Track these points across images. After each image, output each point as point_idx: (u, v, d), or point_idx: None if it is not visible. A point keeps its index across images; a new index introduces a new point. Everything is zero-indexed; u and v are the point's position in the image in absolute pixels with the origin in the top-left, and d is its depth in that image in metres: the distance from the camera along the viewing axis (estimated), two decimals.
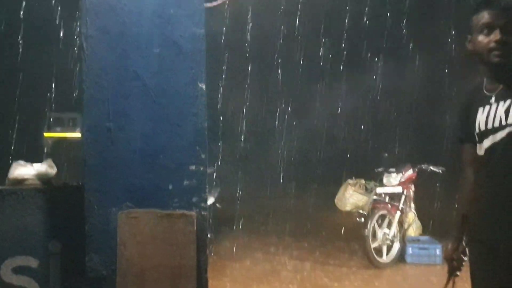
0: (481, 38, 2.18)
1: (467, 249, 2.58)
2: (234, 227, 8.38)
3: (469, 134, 2.44)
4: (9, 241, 2.45)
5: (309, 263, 6.79)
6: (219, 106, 9.55)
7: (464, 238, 2.56)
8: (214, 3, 2.83)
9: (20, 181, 2.52)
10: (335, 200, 8.24)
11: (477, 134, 2.33)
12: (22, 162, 2.56)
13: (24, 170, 2.54)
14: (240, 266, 6.44)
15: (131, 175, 2.40)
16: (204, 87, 2.51)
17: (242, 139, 10.74)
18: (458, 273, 2.63)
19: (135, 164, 2.41)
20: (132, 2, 2.39)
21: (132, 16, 2.39)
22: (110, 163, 2.38)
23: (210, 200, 6.82)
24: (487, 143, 2.28)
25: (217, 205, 7.13)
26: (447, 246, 2.67)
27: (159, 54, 2.44)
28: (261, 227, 8.88)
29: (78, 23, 2.55)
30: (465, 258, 2.59)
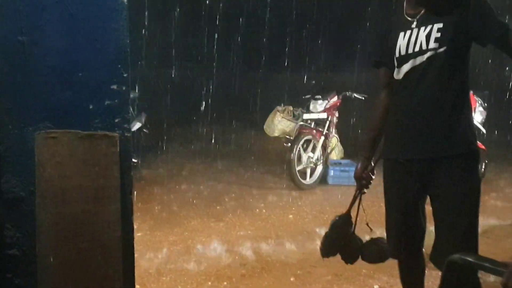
0: None
1: (373, 168, 2.75)
2: (163, 152, 8.35)
3: (387, 59, 2.51)
4: None
5: (237, 186, 6.98)
6: (146, 32, 9.13)
7: (373, 158, 2.72)
8: None
9: None
10: (264, 127, 8.40)
11: (397, 58, 2.40)
12: None
13: None
14: (168, 191, 6.50)
15: (48, 93, 2.27)
16: (125, 0, 2.36)
17: (172, 67, 10.43)
18: (365, 190, 2.82)
19: (52, 82, 2.27)
20: None
21: None
22: (24, 80, 2.23)
23: (137, 125, 6.69)
24: (406, 67, 2.37)
25: (144, 130, 7.03)
26: (357, 165, 2.84)
27: None
28: (190, 152, 8.92)
29: None
30: (373, 177, 2.76)
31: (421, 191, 2.59)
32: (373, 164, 2.80)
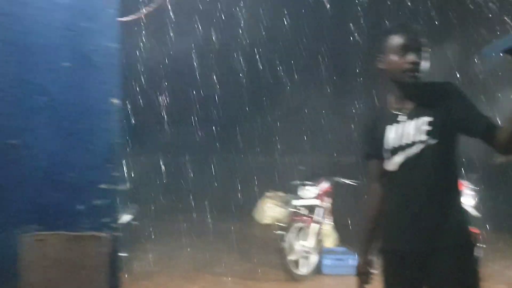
0: (395, 58, 2.32)
1: (374, 262, 2.70)
2: (153, 244, 8.16)
3: (376, 151, 2.56)
4: None
5: (228, 279, 6.76)
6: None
7: (372, 251, 2.67)
8: (128, 18, 2.77)
9: None
10: (254, 213, 8.31)
11: (388, 150, 2.45)
12: None
13: None
14: (155, 285, 6.27)
15: (36, 195, 2.26)
16: (118, 102, 2.43)
17: (160, 152, 10.54)
18: (366, 286, 2.74)
19: (41, 183, 2.27)
20: (41, 12, 2.27)
21: (40, 27, 2.27)
22: (13, 182, 2.23)
23: (127, 218, 6.59)
24: (399, 158, 2.42)
25: (135, 222, 6.92)
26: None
27: (70, 68, 2.34)
28: (180, 243, 8.73)
29: None
30: (373, 271, 2.70)
31: (419, 283, 2.52)
32: (370, 258, 2.75)
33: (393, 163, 2.45)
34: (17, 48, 2.26)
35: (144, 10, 2.97)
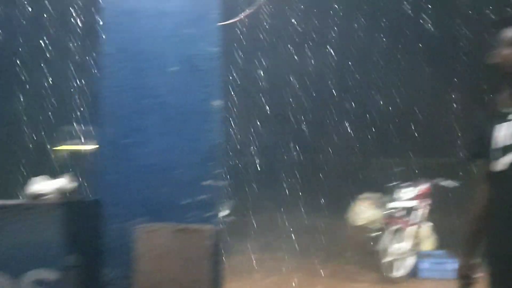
0: (510, 51, 2.22)
1: (477, 266, 2.57)
2: (247, 240, 8.37)
3: (483, 151, 2.45)
4: (30, 254, 2.50)
5: (320, 279, 6.76)
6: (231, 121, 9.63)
7: (475, 254, 2.55)
8: (227, 22, 2.90)
9: (38, 196, 2.58)
10: (348, 215, 8.21)
11: (496, 150, 2.34)
12: (41, 177, 2.63)
13: (43, 185, 2.60)
14: (251, 280, 6.43)
15: (147, 190, 2.45)
16: (219, 104, 2.57)
17: (257, 151, 10.77)
18: None
19: (151, 179, 2.46)
20: (151, 21, 2.47)
21: (150, 35, 2.47)
22: (127, 178, 2.44)
23: (224, 213, 6.83)
24: (508, 158, 2.30)
25: (231, 217, 7.15)
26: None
27: (176, 72, 2.51)
28: (273, 239, 8.86)
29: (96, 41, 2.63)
30: (476, 275, 2.58)
31: None
32: (474, 262, 2.63)
33: (502, 163, 2.33)
34: (130, 56, 2.47)
35: (243, 13, 3.08)
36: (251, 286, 6.30)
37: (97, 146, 2.47)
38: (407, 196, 6.96)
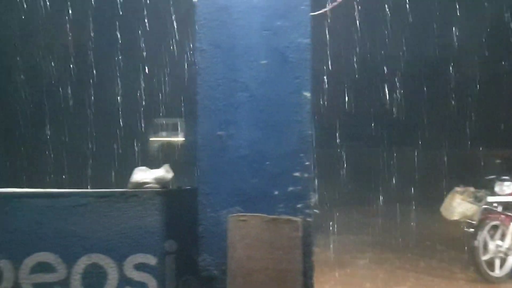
0: None
1: None
2: (332, 233, 8.32)
3: None
4: (131, 239, 2.69)
5: (413, 274, 6.55)
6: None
7: None
8: (318, 12, 2.89)
9: (140, 185, 2.76)
10: (441, 209, 7.85)
11: None
12: (142, 167, 2.80)
13: (144, 175, 2.77)
14: (340, 274, 6.38)
15: (239, 180, 2.52)
16: (309, 95, 2.57)
17: (339, 145, 10.63)
18: None
19: (243, 170, 2.53)
20: (242, 16, 2.52)
21: (241, 30, 2.52)
22: (221, 169, 2.52)
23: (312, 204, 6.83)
24: None
25: (315, 210, 7.13)
26: None
27: (266, 65, 2.55)
28: (360, 234, 8.72)
29: (191, 39, 2.73)
30: None
31: None
32: None
33: None
34: (222, 51, 2.54)
35: (333, 3, 3.05)
36: (342, 279, 6.26)
37: (192, 138, 2.59)
38: (508, 190, 6.52)
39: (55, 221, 2.63)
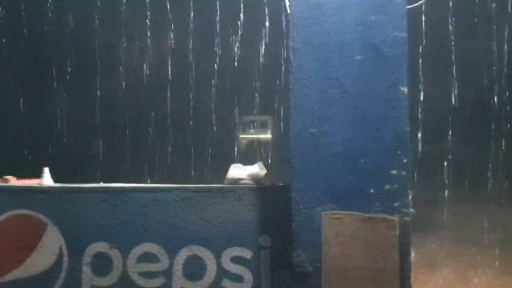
0: None
1: None
2: (428, 232, 7.97)
3: None
4: (228, 233, 2.79)
5: (507, 277, 6.10)
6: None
7: None
8: (414, 5, 2.78)
9: (236, 181, 2.85)
10: None
11: None
12: (238, 164, 2.89)
13: (240, 171, 2.86)
14: (439, 276, 6.12)
15: (333, 178, 2.51)
16: (405, 90, 2.49)
17: (439, 140, 10.14)
18: None
19: (337, 167, 2.51)
20: (335, 12, 2.50)
21: (334, 26, 2.51)
22: (314, 166, 2.53)
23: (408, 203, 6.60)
24: None
25: (410, 210, 6.88)
26: None
27: (360, 60, 2.51)
28: (458, 233, 8.26)
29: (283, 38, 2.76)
30: None
31: None
32: None
33: None
34: (316, 48, 2.54)
35: None
36: (440, 280, 6.01)
37: (287, 135, 2.62)
38: None
39: (159, 214, 2.80)
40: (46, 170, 3.07)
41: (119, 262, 2.82)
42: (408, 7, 2.58)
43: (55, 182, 3.11)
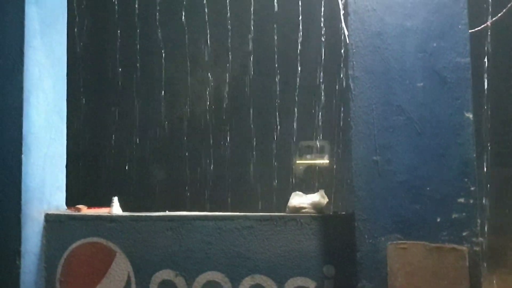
0: None
1: None
2: (505, 264, 7.53)
3: None
4: (291, 262, 2.78)
5: None
6: None
7: None
8: (479, 28, 2.74)
9: (298, 209, 2.86)
10: None
11: None
12: (299, 192, 2.90)
13: (301, 200, 2.87)
14: None
15: (398, 206, 2.47)
16: (471, 116, 2.44)
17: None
18: None
19: (402, 196, 2.47)
20: (396, 40, 2.51)
21: (395, 54, 2.51)
22: (378, 194, 2.50)
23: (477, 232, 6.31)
24: None
25: (480, 238, 6.56)
26: None
27: (423, 87, 2.48)
28: None
29: (342, 65, 2.79)
30: None
31: None
32: None
33: None
34: (376, 75, 2.55)
35: (492, 17, 2.87)
36: None
37: (340, 160, 2.61)
38: None
39: (223, 242, 2.85)
40: (115, 199, 3.22)
41: None
42: (470, 31, 2.54)
43: (123, 210, 3.25)
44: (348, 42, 2.64)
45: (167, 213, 3.16)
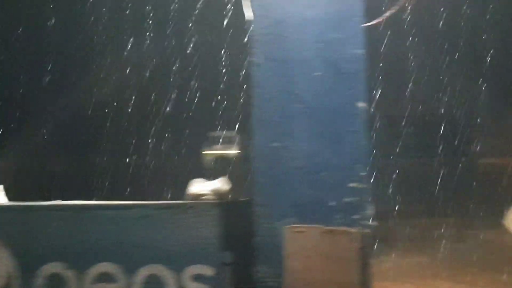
0: None
1: None
2: (393, 245, 8.10)
3: None
4: (189, 250, 2.75)
5: None
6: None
7: None
8: (371, 23, 2.88)
9: (198, 196, 2.83)
10: (504, 220, 7.50)
11: None
12: (199, 179, 2.87)
13: (201, 187, 2.84)
14: (400, 287, 6.21)
15: (295, 191, 2.53)
16: (364, 106, 2.55)
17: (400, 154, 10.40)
18: None
19: (299, 181, 2.54)
20: (296, 29, 2.55)
21: (295, 43, 2.56)
22: (276, 180, 2.55)
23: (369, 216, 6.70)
24: None
25: (373, 222, 6.99)
26: None
27: (320, 76, 2.56)
28: (420, 247, 8.44)
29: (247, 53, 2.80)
30: None
31: None
32: None
33: None
34: (277, 64, 2.58)
35: (386, 13, 3.03)
36: None
37: (249, 150, 2.63)
38: None
39: (118, 232, 2.73)
40: (1, 187, 2.96)
41: (75, 283, 2.72)
42: (364, 25, 2.66)
43: None
44: (251, 29, 2.64)
45: (59, 202, 2.97)
